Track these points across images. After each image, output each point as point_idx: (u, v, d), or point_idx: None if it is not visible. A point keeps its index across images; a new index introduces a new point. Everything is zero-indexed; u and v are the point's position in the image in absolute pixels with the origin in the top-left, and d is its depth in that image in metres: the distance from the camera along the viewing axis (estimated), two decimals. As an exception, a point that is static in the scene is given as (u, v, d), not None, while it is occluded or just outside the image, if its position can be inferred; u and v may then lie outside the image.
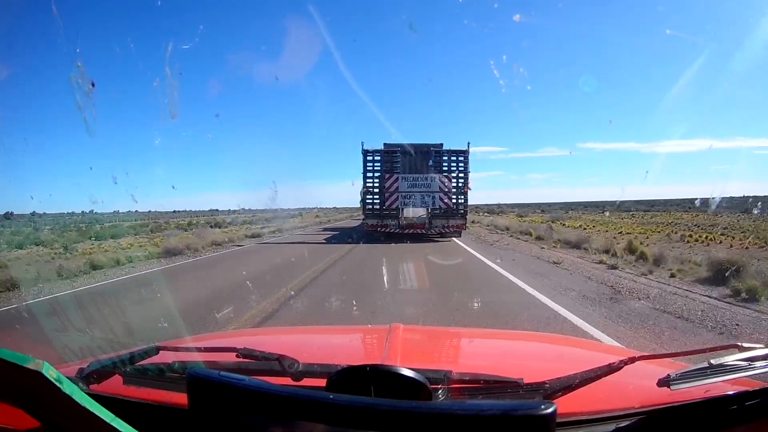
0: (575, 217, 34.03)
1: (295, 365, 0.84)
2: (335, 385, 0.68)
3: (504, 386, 0.81)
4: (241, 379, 0.62)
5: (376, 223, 14.80)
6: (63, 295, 6.49)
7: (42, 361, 0.51)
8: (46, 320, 4.66)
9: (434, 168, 14.98)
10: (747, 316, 4.74)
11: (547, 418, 0.52)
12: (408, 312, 4.85)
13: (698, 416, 0.77)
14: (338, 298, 5.57)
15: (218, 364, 0.87)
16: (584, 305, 5.25)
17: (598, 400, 0.83)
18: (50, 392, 0.52)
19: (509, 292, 6.08)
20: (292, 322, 4.56)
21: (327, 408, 0.57)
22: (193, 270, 9.21)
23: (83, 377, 0.84)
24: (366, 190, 14.83)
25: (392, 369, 0.68)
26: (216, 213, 52.98)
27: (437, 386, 0.77)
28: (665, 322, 4.54)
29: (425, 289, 6.31)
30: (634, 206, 49.11)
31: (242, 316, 4.74)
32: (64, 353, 1.70)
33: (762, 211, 23.35)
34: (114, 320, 4.16)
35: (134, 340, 2.60)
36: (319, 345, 1.58)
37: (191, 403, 0.63)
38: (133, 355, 0.90)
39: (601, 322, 4.49)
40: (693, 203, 40.27)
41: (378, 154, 14.98)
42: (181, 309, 5.03)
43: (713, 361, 0.81)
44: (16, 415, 0.66)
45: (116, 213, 36.65)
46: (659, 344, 3.78)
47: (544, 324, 4.34)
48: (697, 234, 17.01)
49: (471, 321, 4.49)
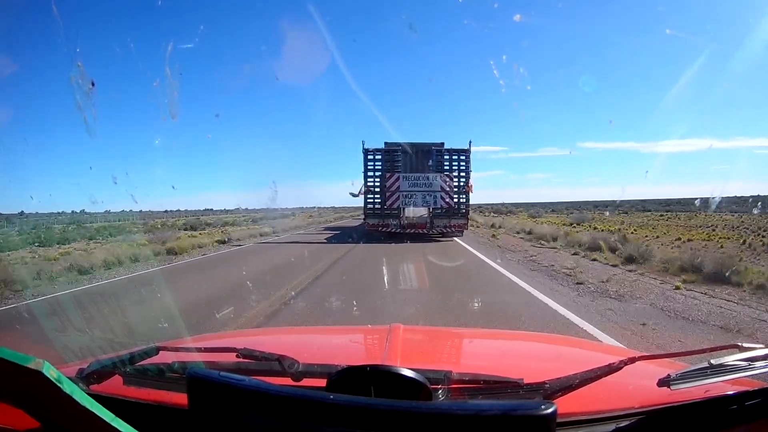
0: (597, 218, 28.42)
1: (295, 365, 0.84)
2: (335, 386, 0.68)
3: (504, 386, 0.81)
4: (241, 380, 0.62)
5: (377, 223, 14.77)
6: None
7: (42, 360, 0.51)
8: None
9: (435, 167, 14.94)
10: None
11: (547, 418, 0.52)
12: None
13: (698, 416, 0.77)
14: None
15: (218, 364, 0.87)
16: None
17: (598, 400, 0.83)
18: (50, 392, 0.52)
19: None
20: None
21: (327, 408, 0.57)
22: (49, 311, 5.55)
23: (83, 377, 0.84)
24: (366, 190, 14.80)
25: (392, 369, 0.68)
26: (210, 212, 52.64)
27: (437, 386, 0.77)
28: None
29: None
30: (638, 205, 47.57)
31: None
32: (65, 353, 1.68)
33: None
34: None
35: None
36: (319, 345, 1.58)
37: (191, 403, 0.63)
38: (133, 356, 0.90)
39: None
40: (693, 203, 39.17)
41: (379, 153, 14.93)
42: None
43: (713, 361, 0.81)
44: (16, 415, 0.66)
45: (107, 213, 36.28)
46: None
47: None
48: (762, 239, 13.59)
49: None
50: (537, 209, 46.59)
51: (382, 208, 14.79)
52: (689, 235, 15.88)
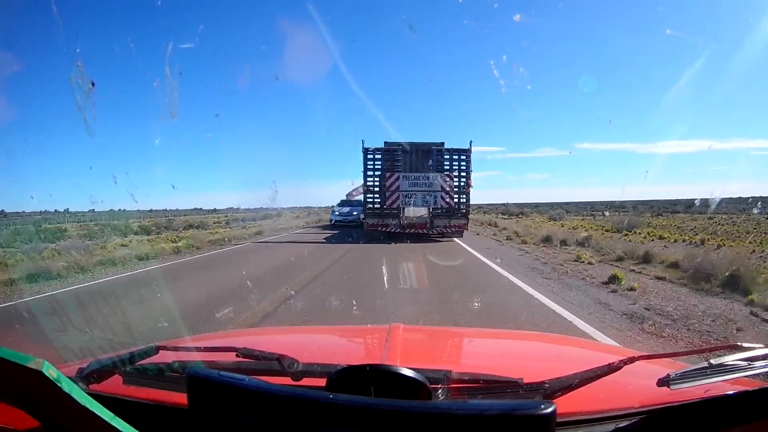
0: (647, 222, 23.51)
1: (295, 365, 0.84)
2: (335, 385, 0.68)
3: (504, 386, 0.81)
4: (240, 379, 0.62)
5: (377, 223, 14.74)
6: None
7: (42, 360, 0.52)
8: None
9: (436, 167, 14.89)
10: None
11: (547, 417, 0.52)
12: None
13: (698, 416, 0.77)
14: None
15: (218, 363, 0.87)
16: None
17: (597, 399, 0.84)
18: (50, 391, 0.52)
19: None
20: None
21: (327, 408, 0.57)
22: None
23: (83, 377, 0.84)
24: (366, 189, 14.78)
25: (392, 369, 0.68)
26: (199, 212, 51.50)
27: (437, 386, 0.77)
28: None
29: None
30: (639, 205, 46.15)
31: None
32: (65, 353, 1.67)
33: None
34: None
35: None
36: (319, 345, 1.58)
37: (191, 402, 0.63)
38: (132, 355, 0.90)
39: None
40: (693, 203, 37.53)
41: (379, 152, 14.88)
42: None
43: (713, 361, 0.81)
44: (16, 415, 0.66)
45: (92, 212, 35.86)
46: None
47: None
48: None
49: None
50: (558, 210, 38.46)
51: (381, 208, 14.75)
52: (732, 242, 12.42)
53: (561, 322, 4.56)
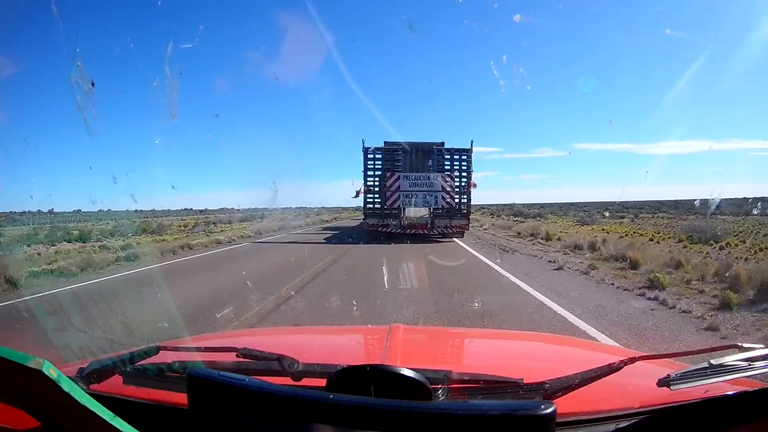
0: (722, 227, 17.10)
1: (295, 365, 0.84)
2: (335, 385, 0.68)
3: (504, 386, 0.81)
4: (241, 379, 0.62)
5: (377, 223, 14.66)
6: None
7: (42, 359, 0.51)
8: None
9: (436, 167, 14.83)
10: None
11: (547, 418, 0.52)
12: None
13: (698, 416, 0.77)
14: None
15: (218, 364, 0.87)
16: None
17: (598, 400, 0.83)
18: (50, 391, 0.52)
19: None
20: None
21: (327, 408, 0.57)
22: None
23: (83, 377, 0.84)
24: (366, 189, 14.72)
25: (392, 369, 0.68)
26: (190, 212, 50.86)
27: (437, 386, 0.77)
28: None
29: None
30: (642, 206, 45.43)
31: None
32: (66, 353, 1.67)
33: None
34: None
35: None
36: (319, 345, 1.58)
37: (191, 402, 0.63)
38: (133, 355, 0.90)
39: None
40: (693, 204, 36.38)
41: (379, 152, 14.81)
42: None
43: (713, 362, 0.81)
44: (16, 415, 0.66)
45: (78, 212, 35.44)
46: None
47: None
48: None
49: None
50: (590, 211, 33.14)
51: (381, 208, 14.69)
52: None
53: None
